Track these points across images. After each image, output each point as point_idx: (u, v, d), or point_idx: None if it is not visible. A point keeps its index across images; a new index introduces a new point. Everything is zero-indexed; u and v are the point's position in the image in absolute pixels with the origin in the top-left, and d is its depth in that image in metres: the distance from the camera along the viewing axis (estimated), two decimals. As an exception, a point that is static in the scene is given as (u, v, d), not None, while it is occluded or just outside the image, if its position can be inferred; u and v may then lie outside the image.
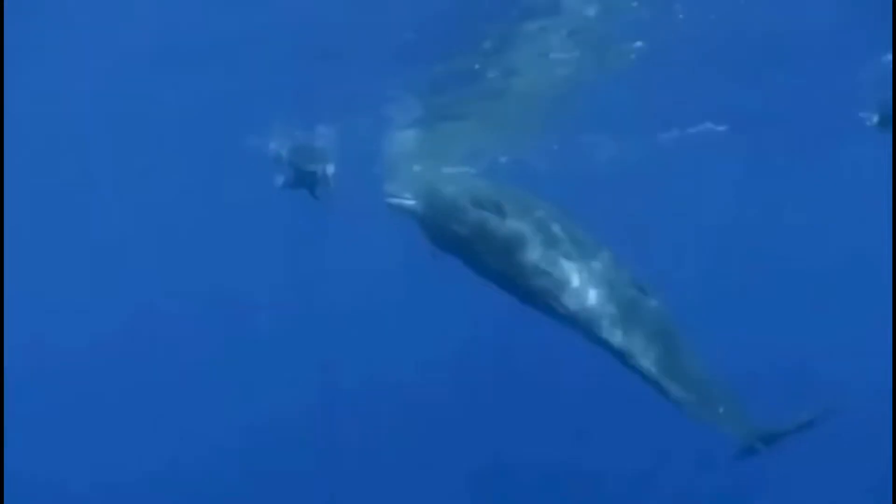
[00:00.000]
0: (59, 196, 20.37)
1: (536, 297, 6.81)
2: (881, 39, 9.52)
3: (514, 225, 6.88)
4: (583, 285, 6.66)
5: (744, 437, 6.40)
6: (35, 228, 20.06)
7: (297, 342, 18.91)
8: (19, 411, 14.55)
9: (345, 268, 21.43)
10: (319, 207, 9.74)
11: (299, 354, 18.08)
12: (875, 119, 6.43)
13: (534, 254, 6.77)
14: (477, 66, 10.02)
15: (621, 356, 6.56)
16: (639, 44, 9.60)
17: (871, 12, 8.83)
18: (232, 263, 22.34)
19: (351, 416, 15.67)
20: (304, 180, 9.34)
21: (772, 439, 6.44)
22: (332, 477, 14.10)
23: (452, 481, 14.01)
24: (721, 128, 15.11)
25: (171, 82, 11.66)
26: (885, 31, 9.05)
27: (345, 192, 9.49)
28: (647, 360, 6.44)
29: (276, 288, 21.80)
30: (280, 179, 9.68)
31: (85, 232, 21.95)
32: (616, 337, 6.51)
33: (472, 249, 7.04)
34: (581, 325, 6.66)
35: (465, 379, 16.30)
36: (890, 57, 10.21)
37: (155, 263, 22.55)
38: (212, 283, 21.73)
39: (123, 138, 15.36)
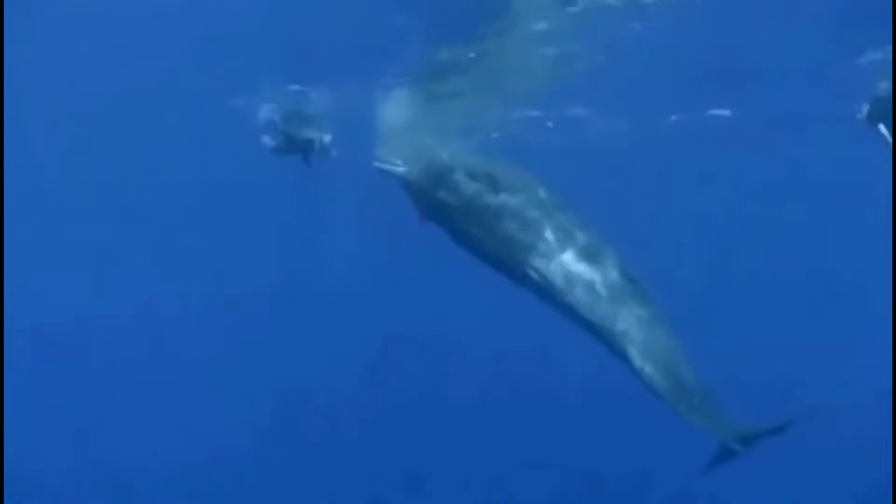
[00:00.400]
0: (56, 193, 20.41)
1: (521, 272, 6.86)
2: (877, 33, 9.50)
3: (505, 199, 6.95)
4: (569, 263, 6.73)
5: (719, 435, 6.39)
6: (31, 225, 20.01)
7: (296, 339, 18.87)
8: (20, 411, 14.53)
9: (343, 261, 21.44)
10: (313, 175, 9.61)
11: (298, 351, 18.06)
12: (865, 111, 6.45)
13: (522, 230, 6.85)
14: (477, 40, 9.81)
15: (600, 332, 6.62)
16: (636, 26, 9.44)
17: (868, 5, 8.81)
18: (229, 256, 22.24)
19: (349, 415, 15.69)
20: (300, 147, 9.22)
21: (749, 440, 6.43)
22: (333, 475, 14.13)
23: (451, 481, 14.02)
24: (723, 114, 15.05)
25: (162, 59, 11.54)
26: (882, 25, 9.04)
27: (339, 161, 9.39)
28: (626, 340, 6.51)
29: (273, 281, 21.73)
30: (270, 142, 9.51)
31: (81, 228, 21.87)
32: (597, 314, 6.58)
33: (462, 221, 7.10)
34: (563, 302, 6.71)
35: (465, 379, 16.30)
36: (882, 51, 10.19)
37: (151, 258, 22.46)
38: (208, 277, 21.68)
39: (117, 125, 15.39)
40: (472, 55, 10.30)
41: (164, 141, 17.02)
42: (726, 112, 14.89)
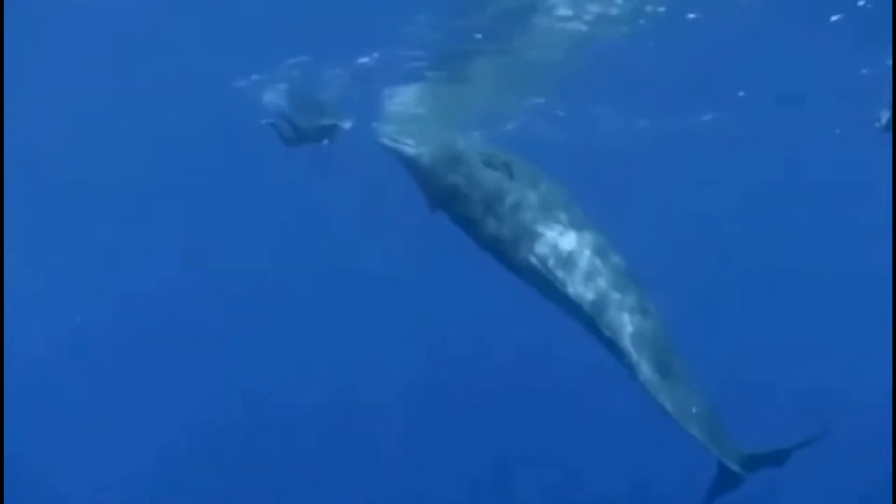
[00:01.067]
0: (54, 190, 20.40)
1: (525, 264, 6.83)
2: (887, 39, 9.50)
3: (518, 188, 6.92)
4: (574, 257, 6.73)
5: (719, 454, 6.35)
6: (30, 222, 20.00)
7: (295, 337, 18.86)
8: (19, 410, 14.53)
9: (344, 257, 21.42)
10: (325, 165, 9.30)
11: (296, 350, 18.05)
12: (884, 120, 6.42)
13: (529, 219, 6.83)
14: (492, 24, 9.54)
15: (600, 330, 6.61)
16: (661, 8, 9.19)
17: (876, 11, 8.81)
18: (231, 249, 22.21)
19: (348, 415, 15.69)
20: (316, 136, 8.80)
21: (751, 464, 6.34)
22: (332, 475, 14.13)
23: (451, 480, 14.02)
24: (723, 116, 14.99)
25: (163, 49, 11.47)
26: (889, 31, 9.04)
27: (345, 152, 9.13)
28: (625, 340, 6.50)
29: (276, 275, 21.71)
30: (281, 134, 8.88)
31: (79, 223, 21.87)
32: (598, 310, 6.59)
33: (468, 206, 7.01)
34: (565, 297, 6.70)
35: (465, 381, 16.29)
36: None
37: (150, 255, 22.42)
38: (211, 269, 21.67)
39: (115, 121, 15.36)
40: (489, 45, 10.20)
41: (162, 136, 16.91)
42: (726, 114, 14.90)
